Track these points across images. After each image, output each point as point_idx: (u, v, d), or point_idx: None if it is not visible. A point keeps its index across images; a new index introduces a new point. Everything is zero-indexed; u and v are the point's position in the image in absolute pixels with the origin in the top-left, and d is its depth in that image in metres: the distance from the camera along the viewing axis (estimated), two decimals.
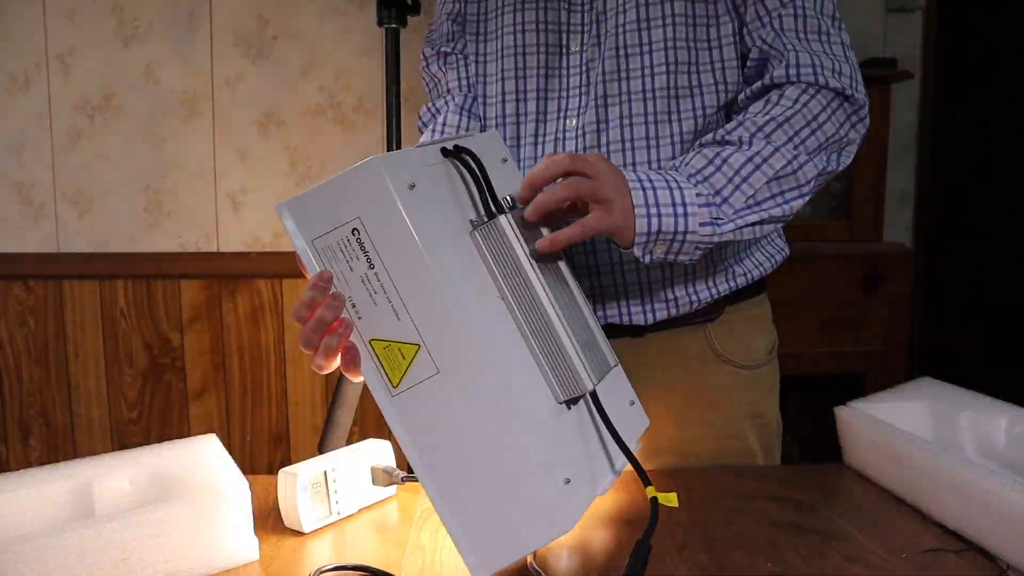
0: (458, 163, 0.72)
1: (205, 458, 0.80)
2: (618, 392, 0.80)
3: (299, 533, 0.79)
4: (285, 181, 2.13)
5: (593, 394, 0.70)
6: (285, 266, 2.12)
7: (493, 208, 0.71)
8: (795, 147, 0.85)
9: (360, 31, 2.10)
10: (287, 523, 0.80)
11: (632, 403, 0.83)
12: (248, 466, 2.12)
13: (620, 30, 0.93)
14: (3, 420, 2.17)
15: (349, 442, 0.92)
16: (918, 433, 0.85)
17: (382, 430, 2.18)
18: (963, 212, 2.64)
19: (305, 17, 2.10)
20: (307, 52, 2.11)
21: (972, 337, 2.66)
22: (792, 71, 0.88)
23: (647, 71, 0.93)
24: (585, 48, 0.96)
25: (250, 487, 0.73)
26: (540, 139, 0.99)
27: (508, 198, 0.75)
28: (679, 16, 0.92)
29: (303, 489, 0.79)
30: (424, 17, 1.94)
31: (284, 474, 0.80)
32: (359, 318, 0.65)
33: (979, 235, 2.68)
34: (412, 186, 0.64)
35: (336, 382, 1.26)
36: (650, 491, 0.65)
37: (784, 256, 1.05)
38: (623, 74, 0.94)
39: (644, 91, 0.93)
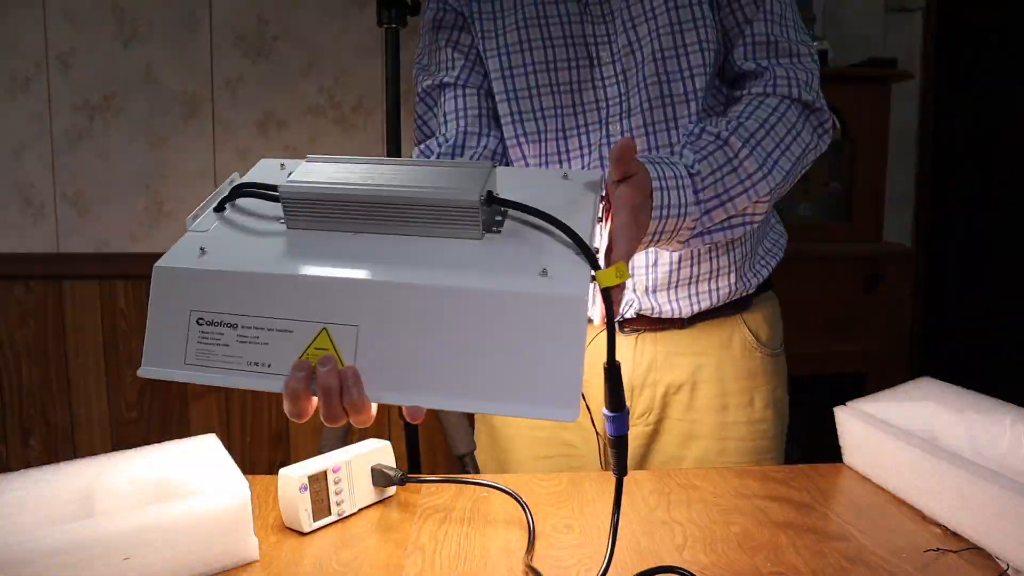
0: (233, 203, 0.73)
1: (205, 458, 0.80)
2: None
3: (299, 533, 0.79)
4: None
5: (489, 198, 0.66)
6: None
7: (271, 192, 0.70)
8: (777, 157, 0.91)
9: (360, 31, 2.10)
10: (287, 523, 0.80)
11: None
12: (248, 466, 2.12)
13: (654, 35, 0.95)
14: (3, 420, 2.17)
15: (349, 442, 0.92)
16: (918, 433, 0.85)
17: (382, 430, 2.18)
18: (963, 212, 2.64)
19: (305, 17, 2.10)
20: (307, 52, 2.11)
21: (972, 337, 2.66)
22: (769, 86, 0.94)
23: (686, 72, 0.95)
24: (616, 58, 0.97)
25: (250, 487, 0.73)
26: (585, 150, 1.00)
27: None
28: (708, 19, 0.95)
29: (303, 489, 0.79)
30: (424, 17, 1.93)
31: (284, 474, 0.80)
32: (270, 366, 0.64)
33: (979, 235, 2.68)
34: (201, 250, 0.67)
35: None
36: (602, 277, 0.63)
37: (782, 248, 1.12)
38: (663, 76, 0.96)
39: (685, 93, 0.95)
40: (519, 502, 0.84)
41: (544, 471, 1.11)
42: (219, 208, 0.73)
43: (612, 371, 0.65)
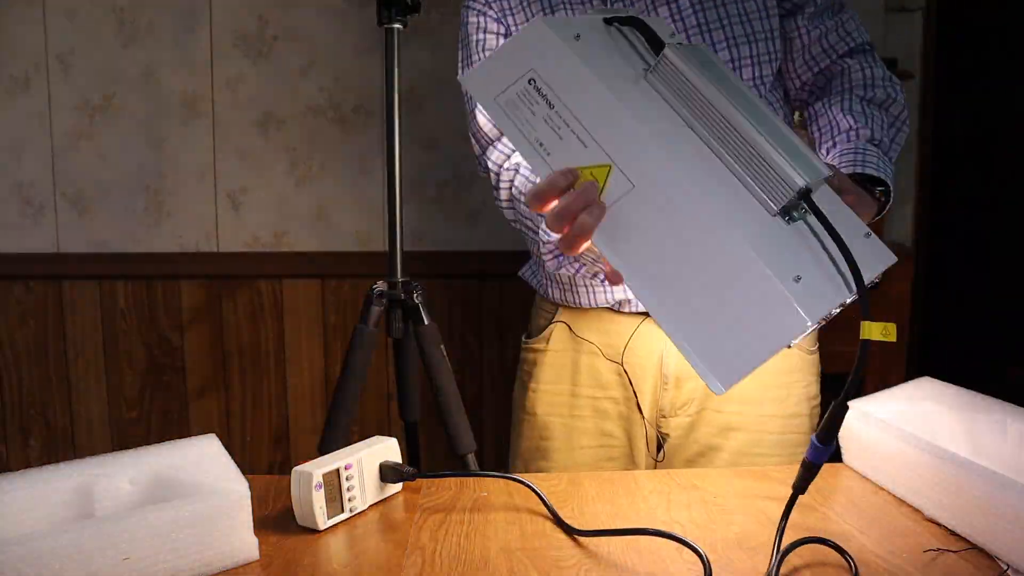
0: (621, 27, 0.76)
1: (205, 458, 0.80)
2: (843, 217, 0.76)
3: (300, 533, 0.79)
4: (285, 181, 2.13)
5: (805, 193, 0.67)
6: (285, 266, 2.12)
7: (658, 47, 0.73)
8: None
9: (360, 31, 2.10)
10: (301, 521, 0.80)
11: (868, 235, 0.77)
12: (248, 466, 2.11)
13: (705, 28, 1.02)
14: (3, 420, 2.17)
15: (350, 442, 0.92)
16: (918, 433, 0.85)
17: (382, 429, 2.18)
18: (963, 212, 2.64)
19: (305, 17, 2.10)
20: (307, 52, 2.11)
21: (972, 337, 2.66)
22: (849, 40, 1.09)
23: (735, 63, 1.02)
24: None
25: (250, 487, 0.73)
26: None
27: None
28: (752, 12, 1.03)
29: (317, 487, 0.79)
30: (424, 17, 1.94)
31: (299, 472, 0.80)
32: (548, 155, 0.69)
33: (979, 235, 2.68)
34: (577, 36, 0.70)
35: (336, 382, 1.26)
36: (865, 328, 0.65)
37: None
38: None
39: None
40: (535, 492, 0.85)
41: (583, 462, 1.13)
42: (608, 22, 0.75)
43: (840, 412, 0.67)
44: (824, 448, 0.69)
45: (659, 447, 1.13)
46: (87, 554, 0.64)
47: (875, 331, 0.64)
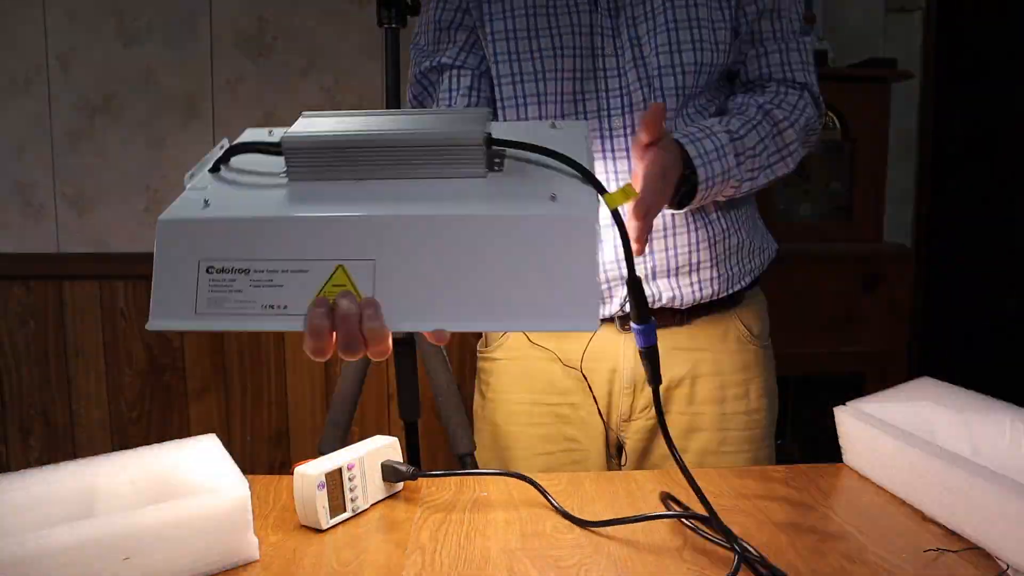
0: (229, 160, 0.74)
1: (205, 458, 0.80)
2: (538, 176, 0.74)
3: (301, 533, 0.79)
4: None
5: (489, 139, 0.68)
6: None
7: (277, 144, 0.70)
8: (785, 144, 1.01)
9: (360, 31, 2.10)
10: (303, 521, 0.80)
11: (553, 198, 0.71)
12: (248, 466, 2.11)
13: (652, 33, 0.99)
14: (3, 420, 2.17)
15: (350, 442, 0.92)
16: (918, 433, 0.85)
17: (382, 429, 2.18)
18: (963, 212, 2.64)
19: (305, 17, 2.10)
20: (307, 52, 2.11)
21: (972, 337, 2.66)
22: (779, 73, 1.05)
23: (678, 69, 0.99)
24: (618, 52, 1.00)
25: (250, 487, 0.73)
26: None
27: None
28: (703, 20, 0.99)
29: (321, 487, 0.79)
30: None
31: (300, 472, 0.80)
32: (285, 308, 0.64)
33: (979, 235, 2.68)
34: (205, 202, 0.67)
35: (336, 382, 1.26)
36: (609, 199, 0.66)
37: (775, 250, 1.17)
38: (662, 71, 0.99)
39: (676, 88, 0.99)
40: (537, 487, 0.85)
41: (546, 468, 1.11)
42: (215, 168, 0.73)
43: (634, 285, 0.70)
44: (646, 327, 0.71)
45: (620, 451, 1.13)
46: (87, 554, 0.64)
47: (618, 199, 0.66)
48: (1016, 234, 2.68)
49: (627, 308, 1.04)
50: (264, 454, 2.20)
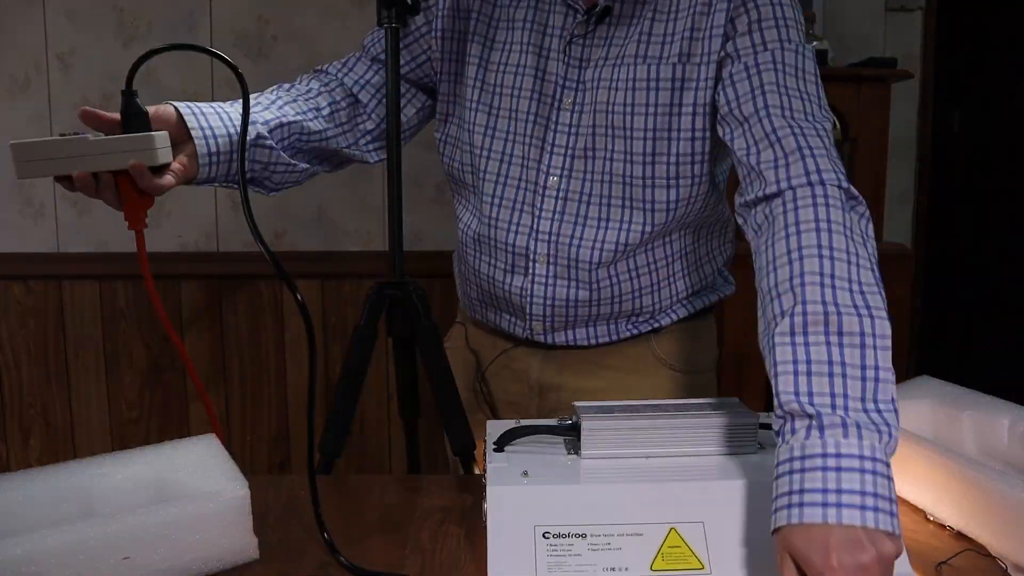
0: None
1: (204, 458, 0.80)
2: None
3: (301, 533, 0.79)
4: None
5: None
6: (285, 266, 2.12)
7: None
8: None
9: (360, 31, 2.10)
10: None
11: None
12: (248, 466, 2.11)
13: (612, 86, 0.96)
14: (3, 420, 2.17)
15: (349, 443, 0.92)
16: (918, 432, 0.85)
17: (382, 429, 2.19)
18: (963, 212, 2.64)
19: (305, 17, 2.10)
20: (307, 52, 2.11)
21: (972, 337, 2.66)
22: (796, 178, 0.78)
23: (629, 132, 0.96)
24: (576, 107, 0.99)
25: (250, 487, 0.73)
26: (521, 183, 1.02)
27: None
28: (663, 81, 0.94)
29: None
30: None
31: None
32: (627, 569, 0.68)
33: (979, 235, 2.68)
34: (525, 473, 0.72)
35: (336, 382, 1.26)
36: None
37: (731, 291, 1.16)
38: (609, 132, 0.97)
39: (625, 152, 0.96)
40: None
41: None
42: (499, 448, 0.78)
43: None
44: None
45: None
46: (87, 554, 0.64)
47: None
48: (1015, 234, 2.68)
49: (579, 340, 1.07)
50: (264, 454, 2.20)
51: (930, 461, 0.80)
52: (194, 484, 0.75)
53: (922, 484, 0.81)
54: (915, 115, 2.47)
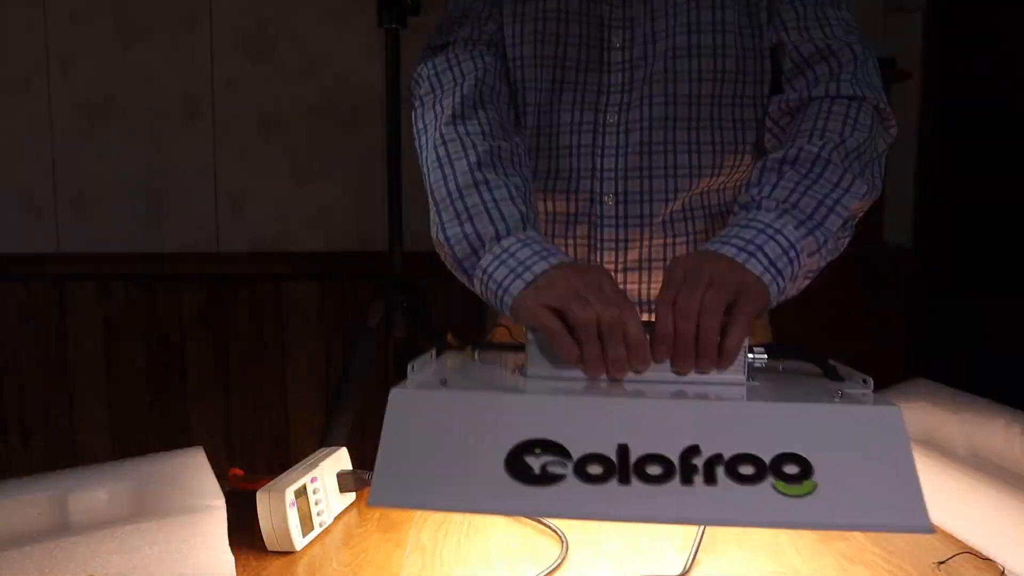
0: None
1: (185, 472, 0.76)
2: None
3: (289, 554, 0.77)
4: (285, 181, 2.13)
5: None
6: (285, 266, 2.12)
7: None
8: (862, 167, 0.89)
9: (360, 32, 2.10)
10: (273, 546, 0.76)
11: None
12: (248, 466, 2.11)
13: (670, 32, 0.94)
14: (3, 420, 2.17)
15: (351, 442, 0.92)
16: (914, 434, 0.85)
17: (379, 427, 2.18)
18: (963, 212, 2.64)
19: (305, 18, 2.10)
20: (307, 53, 2.11)
21: (972, 337, 2.66)
22: (833, 87, 0.92)
23: (695, 75, 0.94)
24: (627, 45, 0.96)
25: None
26: (576, 127, 0.98)
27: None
28: (729, 24, 0.93)
29: (292, 505, 0.76)
30: (424, 17, 1.93)
31: (266, 494, 0.75)
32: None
33: (979, 235, 2.68)
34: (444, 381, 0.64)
35: (336, 382, 1.26)
36: None
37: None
38: (670, 75, 0.94)
39: (690, 95, 0.94)
40: None
41: None
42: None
43: None
44: None
45: None
46: (53, 570, 0.63)
47: None
48: (1016, 234, 2.68)
49: None
50: (264, 454, 2.20)
51: (926, 463, 0.80)
52: (170, 499, 0.73)
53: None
54: (915, 115, 2.47)
